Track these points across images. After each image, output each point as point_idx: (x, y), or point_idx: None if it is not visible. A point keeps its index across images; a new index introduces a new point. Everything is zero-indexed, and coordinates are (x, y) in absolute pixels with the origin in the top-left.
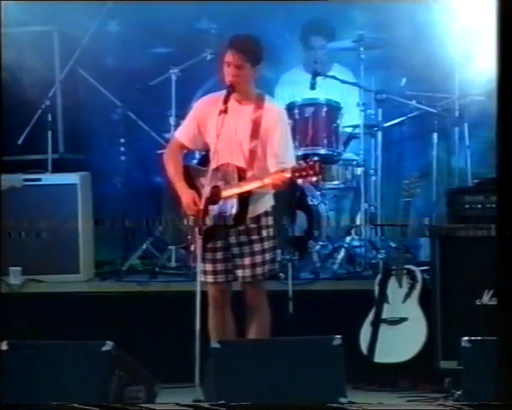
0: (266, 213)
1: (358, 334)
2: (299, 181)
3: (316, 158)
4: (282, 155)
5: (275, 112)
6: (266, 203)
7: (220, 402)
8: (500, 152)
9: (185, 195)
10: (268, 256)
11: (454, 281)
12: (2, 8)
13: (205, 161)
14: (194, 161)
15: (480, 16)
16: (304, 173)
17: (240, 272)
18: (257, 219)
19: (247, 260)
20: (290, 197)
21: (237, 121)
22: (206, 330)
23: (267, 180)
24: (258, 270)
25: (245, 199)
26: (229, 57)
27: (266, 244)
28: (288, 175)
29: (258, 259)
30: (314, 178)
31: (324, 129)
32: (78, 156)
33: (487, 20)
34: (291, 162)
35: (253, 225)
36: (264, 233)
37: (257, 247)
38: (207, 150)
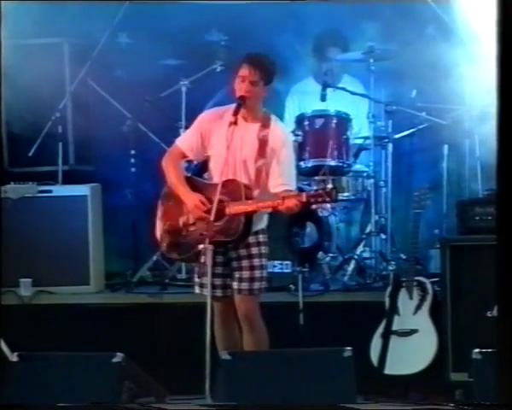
0: (263, 231)
1: (369, 346)
2: (314, 206)
3: (330, 186)
4: (287, 177)
5: (282, 133)
6: (264, 221)
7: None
8: (501, 162)
9: (190, 198)
10: (264, 273)
11: (465, 293)
12: (12, 19)
13: (199, 172)
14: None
15: (491, 27)
16: (320, 199)
17: (236, 285)
18: (256, 234)
19: (245, 274)
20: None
21: (243, 138)
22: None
23: (280, 202)
24: (256, 284)
25: (250, 217)
26: (244, 72)
27: (264, 260)
28: (303, 200)
29: (257, 273)
30: (329, 205)
31: (334, 140)
32: (89, 168)
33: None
34: (294, 185)
35: (252, 240)
36: (263, 250)
37: (256, 261)
38: (204, 162)
